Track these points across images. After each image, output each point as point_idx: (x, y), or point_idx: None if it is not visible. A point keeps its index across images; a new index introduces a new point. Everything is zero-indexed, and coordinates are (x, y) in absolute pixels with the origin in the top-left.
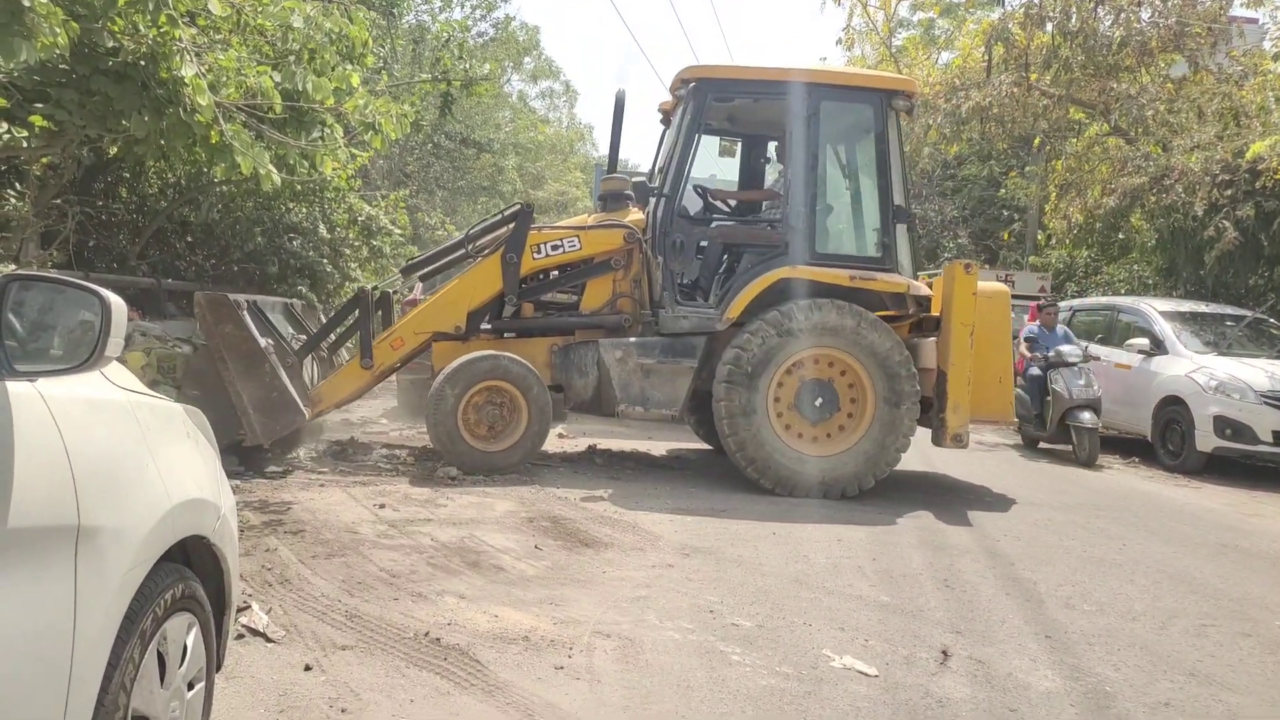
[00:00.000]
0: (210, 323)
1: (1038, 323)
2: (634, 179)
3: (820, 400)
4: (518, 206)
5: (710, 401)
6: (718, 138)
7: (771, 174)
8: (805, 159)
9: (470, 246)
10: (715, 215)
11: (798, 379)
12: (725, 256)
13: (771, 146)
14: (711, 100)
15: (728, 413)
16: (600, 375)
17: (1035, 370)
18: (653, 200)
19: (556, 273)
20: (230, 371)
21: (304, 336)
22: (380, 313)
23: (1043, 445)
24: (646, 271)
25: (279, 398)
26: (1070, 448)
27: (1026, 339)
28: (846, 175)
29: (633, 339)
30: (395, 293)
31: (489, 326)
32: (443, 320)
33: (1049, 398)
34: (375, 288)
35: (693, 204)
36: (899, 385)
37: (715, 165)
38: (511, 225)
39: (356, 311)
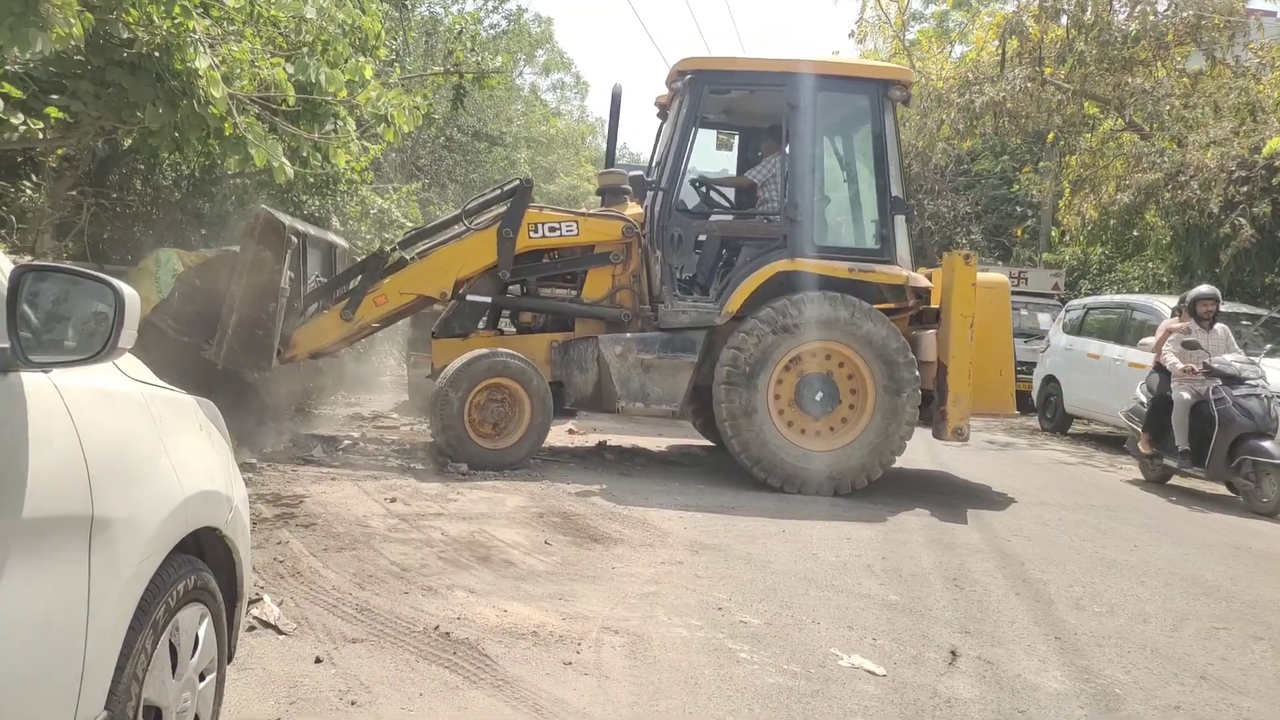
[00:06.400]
0: (255, 238)
1: (1188, 320)
2: (631, 173)
3: (820, 394)
4: (516, 182)
5: (711, 397)
6: (715, 131)
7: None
8: (802, 150)
9: (467, 221)
10: (713, 209)
11: (797, 374)
12: (724, 250)
13: (762, 139)
14: (708, 92)
15: (729, 414)
16: (600, 371)
17: (1185, 393)
18: (650, 194)
19: (552, 257)
20: (239, 288)
21: (325, 279)
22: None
23: (1174, 482)
24: (645, 266)
25: (261, 339)
26: (1236, 491)
27: (1184, 343)
28: (844, 166)
29: (632, 334)
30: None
31: (484, 325)
32: (429, 284)
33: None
34: (394, 249)
35: (691, 198)
36: (898, 373)
37: (713, 158)
38: (510, 201)
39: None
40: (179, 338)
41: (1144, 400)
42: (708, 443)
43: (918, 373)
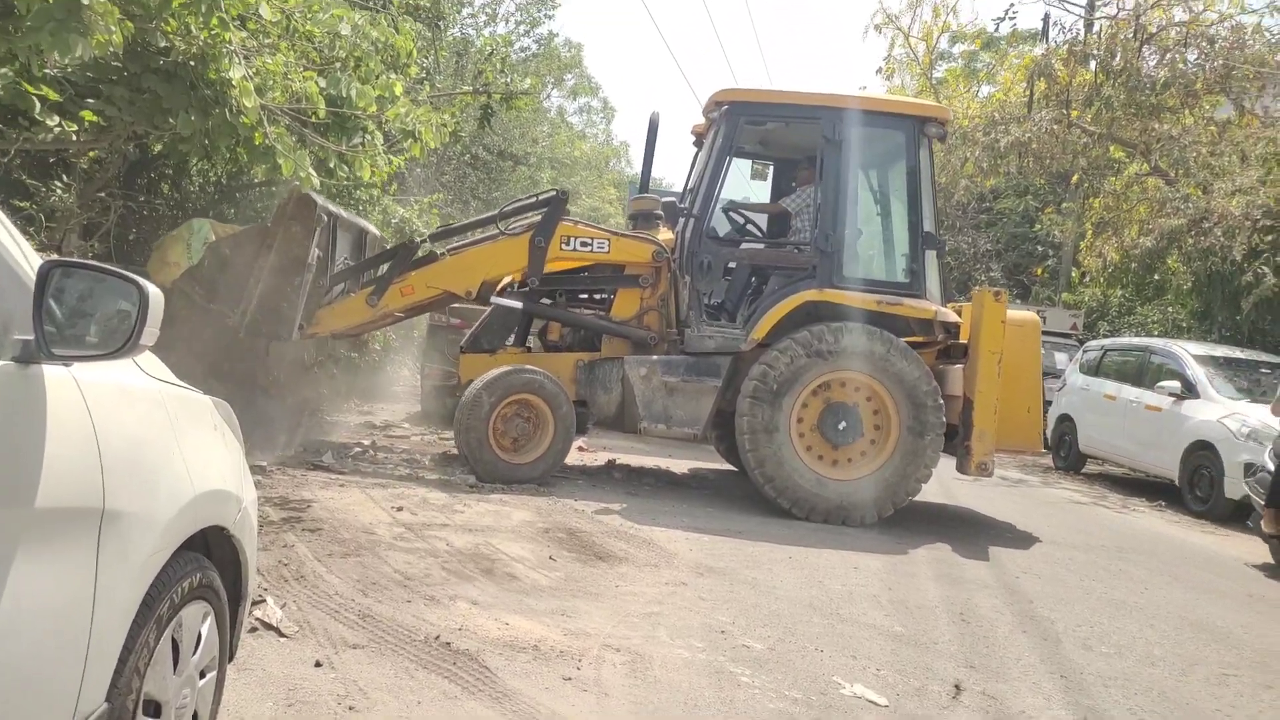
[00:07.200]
0: (287, 214)
1: None
2: (664, 199)
3: (844, 424)
4: (553, 192)
5: (734, 422)
6: (749, 160)
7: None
8: (836, 183)
9: (501, 224)
10: (744, 237)
11: (823, 400)
12: (753, 278)
13: (797, 169)
14: (744, 123)
15: (749, 429)
16: (624, 392)
17: None
18: (682, 220)
19: (584, 274)
20: (267, 261)
21: (352, 264)
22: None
23: None
24: (674, 290)
25: (285, 311)
26: None
27: None
28: (877, 200)
29: (657, 357)
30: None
31: (512, 342)
32: (457, 281)
33: None
34: (423, 240)
35: (722, 225)
36: (924, 415)
37: (747, 188)
38: (544, 211)
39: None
40: (205, 304)
41: (1271, 469)
42: (719, 465)
43: (944, 418)
